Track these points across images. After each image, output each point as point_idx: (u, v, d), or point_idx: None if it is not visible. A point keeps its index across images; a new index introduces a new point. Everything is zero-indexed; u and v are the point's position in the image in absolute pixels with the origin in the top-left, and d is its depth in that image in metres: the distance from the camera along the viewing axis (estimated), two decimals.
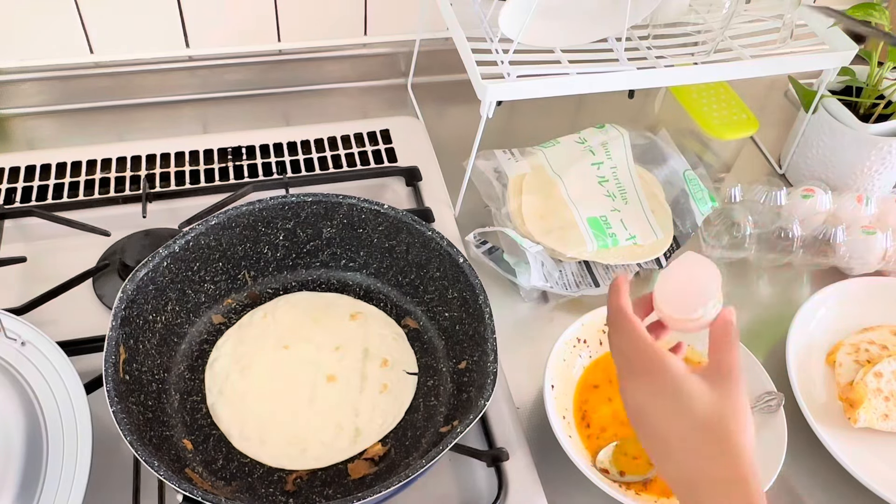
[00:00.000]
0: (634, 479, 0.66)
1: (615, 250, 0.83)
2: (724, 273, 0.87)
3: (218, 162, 0.91)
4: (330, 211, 0.75)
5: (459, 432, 0.58)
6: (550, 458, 0.68)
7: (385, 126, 0.98)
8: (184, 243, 0.70)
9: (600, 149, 0.90)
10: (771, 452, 0.66)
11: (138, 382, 0.64)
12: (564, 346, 0.72)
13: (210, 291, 0.74)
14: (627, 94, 0.93)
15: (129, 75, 0.99)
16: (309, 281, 0.78)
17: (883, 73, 0.91)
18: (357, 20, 1.03)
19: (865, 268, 0.87)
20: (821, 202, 0.89)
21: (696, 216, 0.85)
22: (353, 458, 0.66)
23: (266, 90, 1.05)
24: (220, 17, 0.97)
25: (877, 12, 0.85)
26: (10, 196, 0.85)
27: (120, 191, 0.86)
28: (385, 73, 1.08)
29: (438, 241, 0.72)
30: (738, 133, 0.98)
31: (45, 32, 0.93)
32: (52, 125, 0.98)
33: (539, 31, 0.78)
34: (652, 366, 0.53)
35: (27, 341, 0.64)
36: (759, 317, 0.85)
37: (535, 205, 0.85)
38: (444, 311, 0.73)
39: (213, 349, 0.72)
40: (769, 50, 0.86)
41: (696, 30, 0.88)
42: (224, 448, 0.66)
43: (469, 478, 0.67)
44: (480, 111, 0.78)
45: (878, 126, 0.90)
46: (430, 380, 0.72)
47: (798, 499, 0.70)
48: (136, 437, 0.56)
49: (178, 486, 0.54)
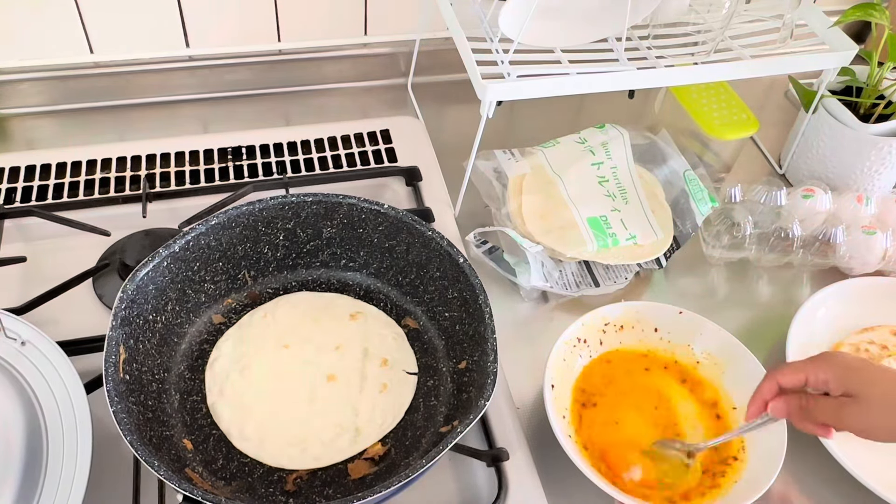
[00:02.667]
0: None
1: (615, 250, 0.82)
2: (724, 273, 0.89)
3: (218, 162, 0.91)
4: (330, 211, 0.75)
5: (459, 432, 0.58)
6: (550, 458, 0.68)
7: (385, 126, 0.98)
8: (184, 243, 0.70)
9: (600, 149, 0.89)
10: (771, 452, 0.66)
11: (138, 382, 0.64)
12: (564, 346, 0.72)
13: (210, 291, 0.74)
14: (627, 94, 0.93)
15: (129, 75, 0.99)
16: (309, 281, 0.78)
17: (883, 73, 0.91)
18: (357, 20, 1.03)
19: (865, 268, 0.87)
20: (821, 202, 0.89)
21: (696, 216, 0.85)
22: (353, 458, 0.66)
23: (266, 90, 1.05)
24: (220, 17, 0.97)
25: (877, 12, 0.85)
26: (10, 196, 0.85)
27: (120, 191, 0.86)
28: (385, 73, 1.08)
29: (438, 241, 0.72)
30: (738, 133, 0.98)
31: (45, 32, 0.93)
32: (52, 125, 0.98)
33: (539, 31, 0.78)
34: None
35: (27, 341, 0.64)
36: (759, 317, 0.85)
37: (535, 205, 0.85)
38: (444, 311, 0.73)
39: (214, 349, 0.72)
40: (769, 50, 0.86)
41: (696, 30, 0.89)
42: (224, 448, 0.66)
43: (469, 478, 0.67)
44: (480, 111, 0.78)
45: (878, 126, 0.90)
46: (430, 380, 0.72)
47: (798, 499, 0.70)
48: (136, 437, 0.56)
49: (178, 486, 0.54)
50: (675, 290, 0.86)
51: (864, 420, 0.58)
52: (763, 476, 0.65)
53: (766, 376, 0.64)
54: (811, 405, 0.60)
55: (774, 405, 0.62)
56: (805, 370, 0.61)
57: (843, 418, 0.59)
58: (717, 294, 0.87)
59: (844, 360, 0.61)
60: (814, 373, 0.61)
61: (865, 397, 0.58)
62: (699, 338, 0.75)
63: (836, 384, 0.59)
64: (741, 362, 0.73)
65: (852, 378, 0.59)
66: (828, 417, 0.60)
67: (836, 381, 0.59)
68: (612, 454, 0.68)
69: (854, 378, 0.59)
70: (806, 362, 0.62)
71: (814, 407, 0.60)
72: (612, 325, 0.76)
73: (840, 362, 0.61)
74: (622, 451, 0.68)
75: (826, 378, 0.60)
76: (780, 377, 0.62)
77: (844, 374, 0.59)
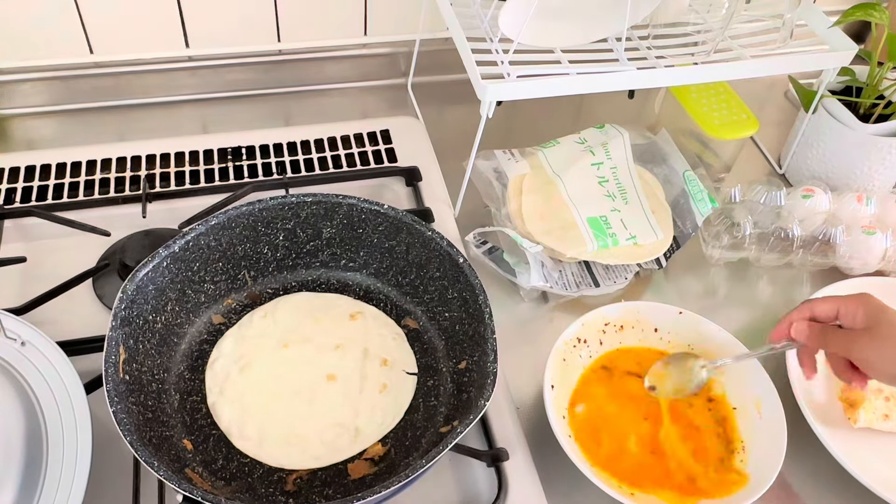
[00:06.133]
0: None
1: (615, 250, 0.82)
2: (724, 273, 0.89)
3: (218, 162, 0.91)
4: (330, 211, 0.75)
5: (459, 432, 0.58)
6: (550, 458, 0.68)
7: (385, 126, 0.98)
8: (184, 243, 0.70)
9: (600, 149, 0.89)
10: (771, 452, 0.66)
11: (138, 382, 0.64)
12: (564, 346, 0.72)
13: (210, 291, 0.74)
14: (627, 94, 0.93)
15: (129, 75, 0.99)
16: (309, 281, 0.78)
17: (883, 73, 0.91)
18: (357, 20, 1.03)
19: (865, 268, 0.87)
20: (821, 202, 0.89)
21: (696, 216, 0.85)
22: (353, 458, 0.66)
23: (266, 90, 1.05)
24: (220, 18, 0.97)
25: (877, 12, 0.85)
26: (10, 196, 0.85)
27: (120, 191, 0.86)
28: (385, 73, 1.08)
29: (438, 241, 0.72)
30: (738, 133, 0.98)
31: (45, 32, 0.93)
32: (52, 125, 0.98)
33: (539, 31, 0.78)
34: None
35: (27, 341, 0.64)
36: (759, 317, 0.85)
37: (535, 205, 0.85)
38: (444, 311, 0.73)
39: (214, 349, 0.72)
40: (769, 50, 0.86)
41: (696, 30, 0.89)
42: (224, 448, 0.66)
43: (469, 478, 0.67)
44: (480, 111, 0.78)
45: (878, 126, 0.90)
46: (430, 380, 0.72)
47: (798, 499, 0.70)
48: (136, 437, 0.56)
49: (178, 486, 0.54)
50: (675, 291, 0.86)
51: (871, 351, 0.61)
52: (763, 476, 0.65)
53: (799, 305, 0.67)
54: (830, 332, 0.64)
55: (798, 326, 0.66)
56: (838, 302, 0.64)
57: (854, 346, 0.62)
58: (717, 294, 0.87)
59: (876, 299, 0.64)
60: (846, 304, 0.64)
61: (882, 332, 0.61)
62: (699, 338, 0.75)
63: (864, 317, 0.62)
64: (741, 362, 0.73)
65: (880, 315, 0.62)
66: (840, 344, 0.63)
67: (865, 315, 0.62)
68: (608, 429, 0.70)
69: (880, 315, 0.62)
70: (841, 296, 0.65)
71: (832, 334, 0.64)
72: (612, 325, 0.76)
73: (872, 299, 0.64)
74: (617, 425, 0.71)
75: (856, 310, 0.63)
76: (815, 305, 0.66)
77: (875, 310, 0.62)
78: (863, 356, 0.62)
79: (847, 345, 0.63)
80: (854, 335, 0.63)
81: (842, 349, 0.64)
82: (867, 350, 0.61)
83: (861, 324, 0.63)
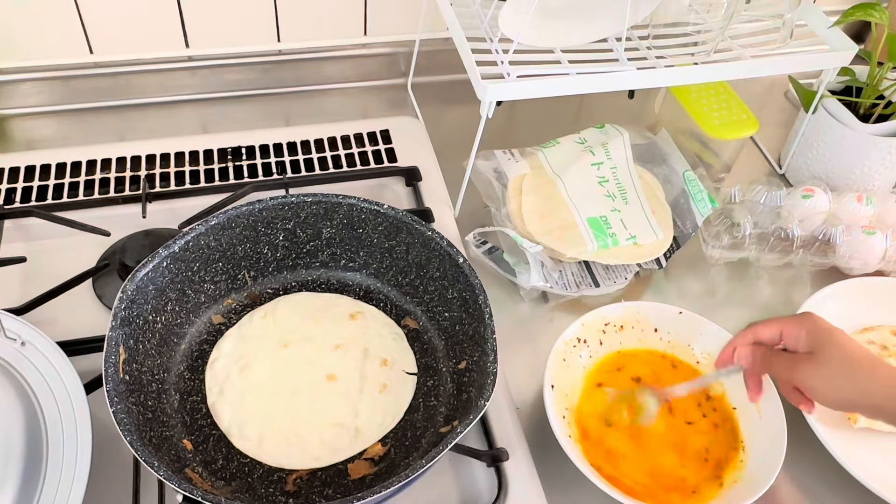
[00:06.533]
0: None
1: (615, 250, 0.82)
2: (724, 273, 0.89)
3: (218, 162, 0.91)
4: (330, 211, 0.75)
5: (459, 432, 0.58)
6: (550, 458, 0.68)
7: (385, 126, 0.98)
8: (184, 243, 0.70)
9: (600, 149, 0.89)
10: (771, 452, 0.66)
11: (138, 382, 0.64)
12: (564, 346, 0.72)
13: (210, 291, 0.74)
14: (627, 94, 0.94)
15: (129, 75, 0.99)
16: (309, 281, 0.78)
17: (883, 73, 0.91)
18: (357, 20, 1.03)
19: (865, 268, 0.87)
20: (821, 202, 0.89)
21: (696, 216, 0.85)
22: (353, 458, 0.66)
23: (266, 90, 1.05)
24: (220, 17, 0.97)
25: (877, 12, 0.85)
26: (10, 196, 0.85)
27: (120, 191, 0.86)
28: (385, 73, 1.08)
29: (438, 241, 0.72)
30: (738, 133, 0.98)
31: (45, 32, 0.93)
32: (52, 125, 0.98)
33: (539, 31, 0.78)
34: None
35: (27, 341, 0.64)
36: (759, 317, 0.84)
37: (535, 205, 0.85)
38: (444, 311, 0.73)
39: (214, 349, 0.72)
40: (769, 50, 0.86)
41: (696, 30, 0.88)
42: (224, 448, 0.66)
43: (469, 478, 0.67)
44: (480, 111, 0.78)
45: (878, 126, 0.90)
46: (430, 380, 0.72)
47: (798, 499, 0.70)
48: (136, 437, 0.56)
49: (178, 486, 0.54)
50: (675, 291, 0.86)
51: (815, 377, 0.60)
52: (763, 476, 0.65)
53: (744, 329, 0.67)
54: (773, 357, 0.63)
55: (741, 351, 0.66)
56: (782, 324, 0.64)
57: (797, 371, 0.61)
58: (717, 294, 0.87)
59: (820, 320, 0.63)
60: (788, 326, 0.63)
61: (825, 357, 0.60)
62: (699, 338, 0.75)
63: (807, 340, 0.62)
64: None
65: (823, 337, 0.61)
66: (783, 369, 0.63)
67: (808, 338, 0.62)
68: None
69: (824, 337, 0.61)
70: (784, 318, 0.65)
71: (776, 358, 0.63)
72: (612, 325, 0.76)
73: (816, 321, 0.63)
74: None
75: (799, 333, 0.62)
76: (759, 328, 0.65)
77: (817, 333, 0.62)
78: (806, 383, 0.61)
79: (790, 370, 0.62)
80: (797, 360, 0.62)
81: (785, 374, 0.63)
82: (809, 376, 0.60)
83: (805, 347, 0.61)
